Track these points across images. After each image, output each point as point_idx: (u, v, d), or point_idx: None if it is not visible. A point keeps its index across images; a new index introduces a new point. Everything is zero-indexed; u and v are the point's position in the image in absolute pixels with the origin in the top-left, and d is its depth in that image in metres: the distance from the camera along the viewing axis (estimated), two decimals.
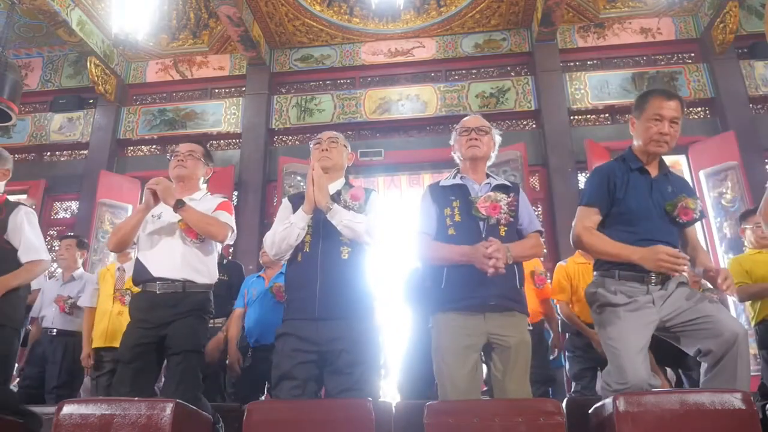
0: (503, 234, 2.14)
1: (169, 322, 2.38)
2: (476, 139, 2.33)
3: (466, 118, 2.46)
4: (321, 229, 2.22)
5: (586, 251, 2.35)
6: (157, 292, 2.40)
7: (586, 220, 2.16)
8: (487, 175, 2.34)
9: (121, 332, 2.51)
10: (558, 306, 3.73)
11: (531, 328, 2.22)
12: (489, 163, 2.40)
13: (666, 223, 2.11)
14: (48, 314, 4.05)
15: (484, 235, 2.11)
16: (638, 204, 2.10)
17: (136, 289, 2.57)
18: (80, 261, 4.28)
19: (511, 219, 2.16)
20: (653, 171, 2.19)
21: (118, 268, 3.95)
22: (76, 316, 4.01)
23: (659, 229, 2.08)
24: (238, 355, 3.57)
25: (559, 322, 3.85)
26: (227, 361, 3.63)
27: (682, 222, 2.11)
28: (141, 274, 2.48)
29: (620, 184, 2.13)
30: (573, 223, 2.21)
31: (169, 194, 2.40)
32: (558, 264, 3.85)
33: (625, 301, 2.03)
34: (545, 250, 5.62)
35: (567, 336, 3.74)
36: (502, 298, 2.09)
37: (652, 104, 2.14)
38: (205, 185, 2.80)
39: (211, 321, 3.60)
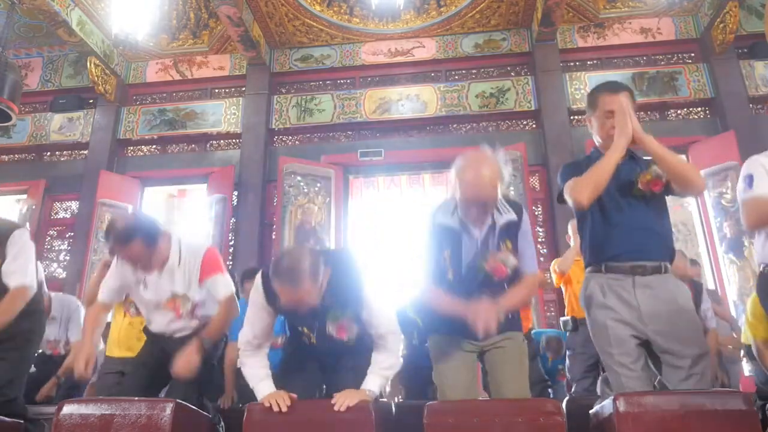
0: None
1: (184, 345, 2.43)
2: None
3: (466, 167, 1.98)
4: (320, 332, 2.11)
5: (581, 196, 2.22)
6: (168, 342, 2.47)
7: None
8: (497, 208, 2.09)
9: (132, 339, 2.54)
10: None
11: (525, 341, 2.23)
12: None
13: (642, 204, 2.09)
14: None
15: (477, 287, 2.03)
16: (608, 194, 2.07)
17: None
18: None
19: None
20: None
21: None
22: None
23: (635, 214, 2.07)
24: (234, 393, 3.50)
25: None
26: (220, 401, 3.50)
27: (659, 192, 2.09)
28: (150, 326, 2.54)
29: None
30: (567, 195, 2.15)
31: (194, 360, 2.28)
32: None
33: (612, 311, 2.03)
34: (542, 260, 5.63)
35: (567, 334, 3.74)
36: (494, 340, 2.08)
37: (602, 101, 2.14)
38: (174, 235, 2.46)
39: None
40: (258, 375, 2.05)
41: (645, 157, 2.15)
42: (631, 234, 2.06)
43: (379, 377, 2.04)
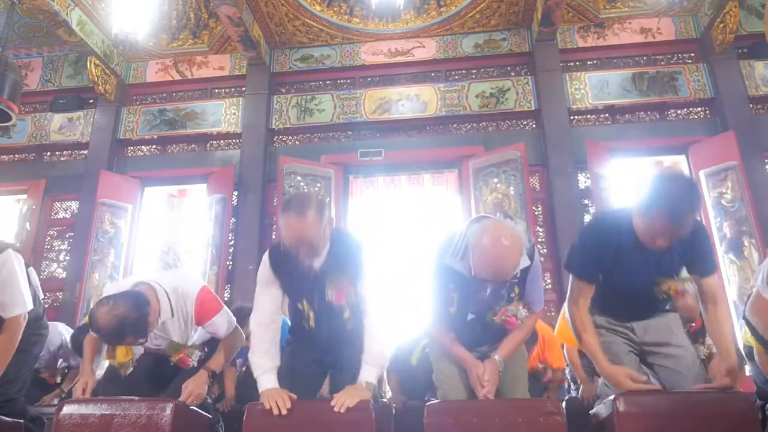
0: None
1: None
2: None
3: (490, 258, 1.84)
4: (324, 312, 2.14)
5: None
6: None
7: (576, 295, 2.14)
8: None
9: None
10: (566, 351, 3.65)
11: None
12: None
13: (656, 298, 2.11)
14: None
15: (479, 332, 2.09)
16: (627, 277, 2.05)
17: None
18: None
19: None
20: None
21: None
22: None
23: (647, 299, 2.11)
24: (233, 402, 3.48)
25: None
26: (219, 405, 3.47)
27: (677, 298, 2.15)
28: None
29: (610, 259, 2.03)
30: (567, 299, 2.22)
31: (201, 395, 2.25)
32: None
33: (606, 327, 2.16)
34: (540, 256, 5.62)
35: None
36: (497, 346, 2.12)
37: (659, 223, 1.87)
38: (164, 296, 2.34)
39: None
40: (263, 366, 2.04)
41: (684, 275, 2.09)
42: (633, 308, 2.15)
43: (374, 366, 2.04)
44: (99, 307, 2.09)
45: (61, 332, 3.95)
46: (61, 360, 3.93)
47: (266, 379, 2.00)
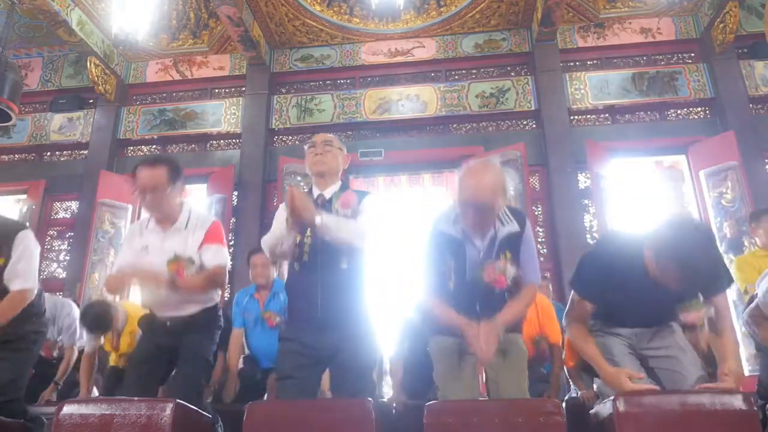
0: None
1: (180, 339, 2.42)
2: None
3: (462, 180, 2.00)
4: (319, 237, 2.17)
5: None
6: (168, 324, 2.44)
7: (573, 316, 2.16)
8: (498, 217, 2.07)
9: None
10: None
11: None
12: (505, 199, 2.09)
13: (660, 307, 2.05)
14: None
15: (478, 307, 2.05)
16: (638, 293, 1.98)
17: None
18: None
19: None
20: None
21: None
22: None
23: (654, 311, 2.09)
24: (237, 382, 3.47)
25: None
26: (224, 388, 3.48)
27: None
28: (148, 311, 2.54)
29: (617, 284, 1.99)
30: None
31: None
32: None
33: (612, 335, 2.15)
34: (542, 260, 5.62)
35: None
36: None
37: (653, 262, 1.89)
38: (187, 202, 2.52)
39: None
40: (277, 233, 2.15)
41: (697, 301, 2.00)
42: (643, 316, 2.11)
43: (336, 220, 2.10)
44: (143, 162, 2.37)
45: (69, 313, 3.93)
46: (60, 338, 3.92)
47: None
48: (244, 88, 6.54)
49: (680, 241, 1.77)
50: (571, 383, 3.68)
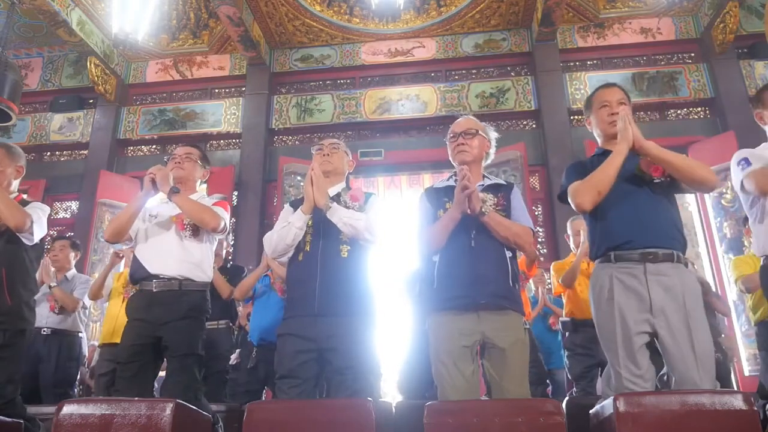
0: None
1: (166, 321, 2.38)
2: (463, 143, 2.31)
3: (456, 122, 2.43)
4: (321, 228, 2.24)
5: (584, 202, 2.21)
6: (154, 290, 2.42)
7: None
8: (483, 177, 2.32)
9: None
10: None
11: (528, 326, 2.19)
12: (486, 162, 2.39)
13: (648, 193, 2.09)
14: (41, 313, 4.01)
15: (473, 233, 2.10)
16: (614, 185, 2.06)
17: None
18: (73, 262, 4.24)
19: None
20: None
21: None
22: (68, 315, 4.01)
23: (642, 203, 2.07)
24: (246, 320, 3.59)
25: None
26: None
27: (661, 178, 2.08)
28: (138, 272, 2.49)
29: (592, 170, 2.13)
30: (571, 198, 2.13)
31: (165, 181, 2.49)
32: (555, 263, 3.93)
33: (622, 308, 1.98)
34: (539, 256, 5.62)
35: (567, 335, 3.74)
36: (494, 297, 2.05)
37: (597, 97, 2.27)
38: (204, 186, 2.85)
39: (215, 322, 3.63)
40: (285, 222, 2.24)
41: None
42: (640, 221, 2.02)
43: (347, 210, 2.22)
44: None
45: (88, 282, 4.10)
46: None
47: (295, 216, 2.22)
48: (244, 88, 6.54)
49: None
50: (572, 384, 3.68)
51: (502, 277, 2.09)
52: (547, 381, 4.19)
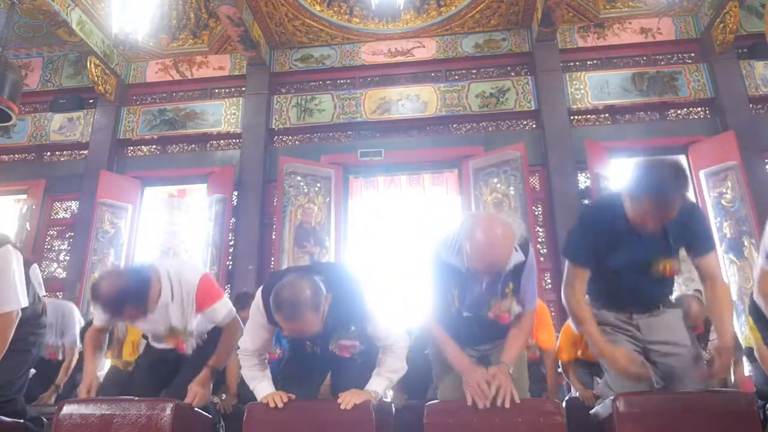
0: None
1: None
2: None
3: (477, 254, 1.86)
4: (324, 345, 2.11)
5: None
6: (170, 352, 2.46)
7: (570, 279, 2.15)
8: None
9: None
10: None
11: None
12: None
13: (651, 279, 2.06)
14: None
15: (488, 315, 2.03)
16: (622, 264, 2.04)
17: None
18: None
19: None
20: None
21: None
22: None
23: (641, 284, 2.09)
24: (236, 399, 3.35)
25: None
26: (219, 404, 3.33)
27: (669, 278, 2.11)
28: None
29: (605, 242, 2.04)
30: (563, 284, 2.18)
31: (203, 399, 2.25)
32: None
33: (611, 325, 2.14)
34: (540, 257, 5.62)
35: None
36: (497, 344, 2.12)
37: (645, 204, 1.91)
38: (166, 278, 2.33)
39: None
40: (257, 376, 2.06)
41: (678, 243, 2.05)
42: (633, 294, 2.12)
43: (385, 379, 2.05)
44: (102, 277, 2.11)
45: (70, 314, 3.94)
46: (62, 341, 3.91)
47: (263, 387, 2.02)
48: (244, 88, 6.54)
49: (647, 172, 1.87)
50: (571, 385, 3.67)
51: (504, 329, 2.09)
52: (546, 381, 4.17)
